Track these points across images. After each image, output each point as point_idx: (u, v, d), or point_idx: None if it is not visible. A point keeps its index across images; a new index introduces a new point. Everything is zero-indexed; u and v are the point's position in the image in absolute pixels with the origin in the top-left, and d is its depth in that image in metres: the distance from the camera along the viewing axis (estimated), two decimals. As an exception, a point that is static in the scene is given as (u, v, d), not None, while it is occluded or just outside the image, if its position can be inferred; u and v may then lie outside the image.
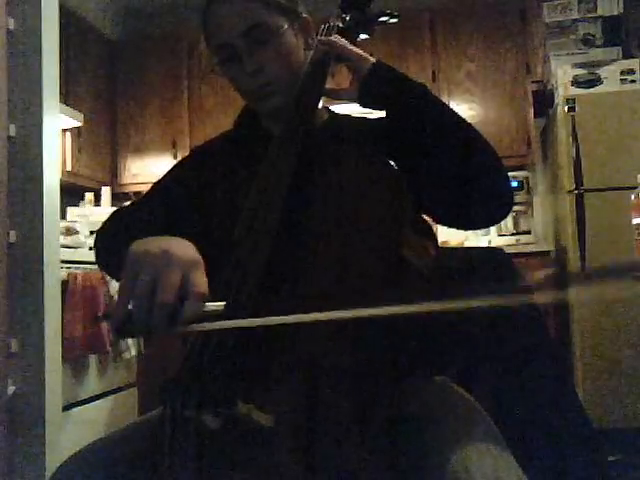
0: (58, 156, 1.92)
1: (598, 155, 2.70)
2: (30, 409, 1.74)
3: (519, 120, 3.34)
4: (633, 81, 2.82)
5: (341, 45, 0.92)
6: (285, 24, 0.91)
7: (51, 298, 1.81)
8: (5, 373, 1.70)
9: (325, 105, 1.03)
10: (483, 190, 0.84)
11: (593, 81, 2.85)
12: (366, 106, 0.91)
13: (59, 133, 2.05)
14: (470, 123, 0.87)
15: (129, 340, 2.63)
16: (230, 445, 0.60)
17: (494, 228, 3.28)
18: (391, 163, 0.83)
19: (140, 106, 3.74)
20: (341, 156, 0.83)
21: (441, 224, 0.92)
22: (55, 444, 1.78)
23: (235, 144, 1.01)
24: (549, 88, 3.12)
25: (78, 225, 2.82)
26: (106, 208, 3.38)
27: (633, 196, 1.81)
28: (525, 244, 3.20)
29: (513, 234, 3.31)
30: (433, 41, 3.47)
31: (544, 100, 3.19)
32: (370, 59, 0.90)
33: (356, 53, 0.91)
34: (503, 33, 3.40)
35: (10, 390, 1.71)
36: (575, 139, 2.72)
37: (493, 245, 3.20)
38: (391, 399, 0.72)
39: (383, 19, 1.05)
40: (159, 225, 0.85)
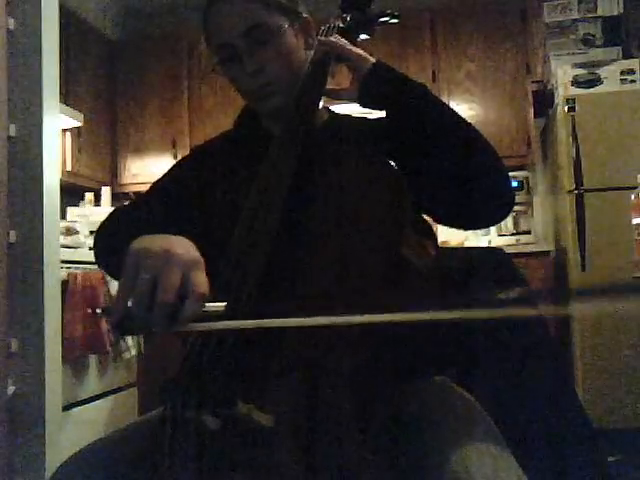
0: (58, 156, 1.92)
1: (598, 155, 2.70)
2: (30, 409, 1.74)
3: (519, 120, 3.34)
4: (633, 81, 2.82)
5: (341, 45, 0.92)
6: (285, 24, 0.91)
7: (51, 298, 1.81)
8: (5, 373, 1.70)
9: (325, 105, 1.03)
10: (483, 190, 0.84)
11: (593, 81, 2.86)
12: (366, 106, 0.91)
13: (59, 133, 2.05)
14: (470, 123, 0.87)
15: (129, 340, 2.63)
16: (230, 445, 0.60)
17: (494, 228, 3.28)
18: (391, 163, 0.83)
19: (140, 106, 3.74)
20: (341, 156, 0.83)
21: (441, 224, 0.92)
22: (55, 444, 1.78)
23: (235, 144, 1.01)
24: (549, 88, 3.12)
25: (78, 225, 2.82)
26: (106, 208, 3.38)
27: (633, 196, 1.81)
28: (525, 244, 3.20)
29: (513, 234, 3.31)
30: (433, 41, 3.47)
31: (544, 100, 3.19)
32: (370, 59, 0.89)
33: (356, 53, 0.91)
34: (503, 33, 3.40)
35: (10, 390, 1.71)
36: (575, 139, 2.72)
37: (493, 245, 3.20)
38: (391, 399, 0.72)
39: (383, 19, 1.05)
40: (158, 224, 0.85)
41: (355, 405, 0.65)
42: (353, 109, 0.97)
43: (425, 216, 0.90)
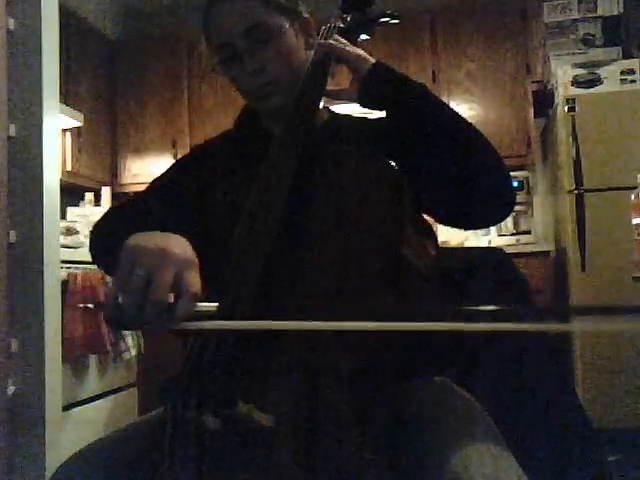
0: (58, 156, 1.92)
1: (598, 155, 2.70)
2: (30, 409, 1.73)
3: (519, 120, 3.34)
4: (633, 81, 2.82)
5: (340, 47, 0.92)
6: (286, 24, 0.91)
7: (51, 298, 1.81)
8: (5, 373, 1.70)
9: (325, 105, 1.03)
10: (484, 190, 0.84)
11: (593, 81, 2.86)
12: (366, 106, 0.91)
13: (59, 133, 2.04)
14: (471, 123, 0.87)
15: (129, 340, 2.63)
16: (230, 445, 0.60)
17: (494, 228, 3.28)
18: (391, 163, 0.83)
19: (140, 106, 3.74)
20: (341, 156, 0.83)
21: (442, 224, 0.92)
22: (55, 444, 1.78)
23: (235, 144, 1.01)
24: (549, 88, 3.13)
25: (78, 225, 2.82)
26: (106, 208, 3.37)
27: (633, 196, 1.81)
28: (525, 244, 3.20)
29: (513, 234, 3.31)
30: (433, 41, 3.47)
31: (544, 100, 3.19)
32: (370, 59, 0.89)
33: (356, 54, 0.91)
34: (503, 33, 3.40)
35: (10, 390, 1.71)
36: (575, 139, 2.72)
37: (493, 245, 3.20)
38: (391, 399, 0.72)
39: (384, 20, 1.05)
40: (155, 222, 0.85)
41: (355, 405, 0.65)
42: (353, 109, 0.97)
43: (425, 216, 0.90)
